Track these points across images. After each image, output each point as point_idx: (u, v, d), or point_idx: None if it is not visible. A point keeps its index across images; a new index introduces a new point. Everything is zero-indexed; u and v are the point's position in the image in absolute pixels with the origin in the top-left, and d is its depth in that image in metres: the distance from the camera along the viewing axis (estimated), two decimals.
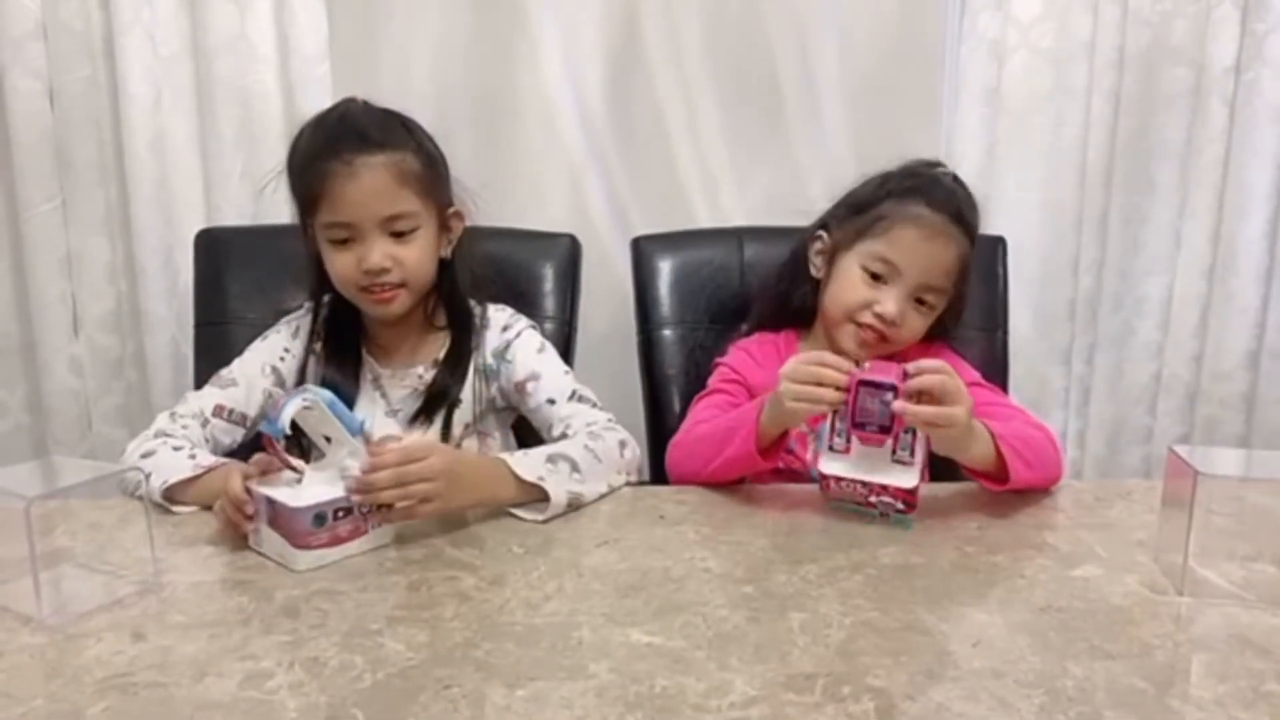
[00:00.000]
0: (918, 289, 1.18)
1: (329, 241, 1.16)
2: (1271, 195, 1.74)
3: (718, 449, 1.08)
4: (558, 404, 1.18)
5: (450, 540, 0.94)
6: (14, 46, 1.56)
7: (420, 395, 1.21)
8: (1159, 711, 0.67)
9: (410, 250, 1.16)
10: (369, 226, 1.13)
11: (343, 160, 1.11)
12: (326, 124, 1.16)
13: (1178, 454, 0.86)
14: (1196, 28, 1.68)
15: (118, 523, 0.97)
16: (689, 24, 1.67)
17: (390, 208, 1.13)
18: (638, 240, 1.48)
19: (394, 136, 1.15)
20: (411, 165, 1.15)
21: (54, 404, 1.69)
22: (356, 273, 1.15)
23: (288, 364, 1.23)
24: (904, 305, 1.18)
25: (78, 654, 0.73)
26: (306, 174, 1.15)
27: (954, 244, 1.18)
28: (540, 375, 1.21)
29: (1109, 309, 1.81)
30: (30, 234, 1.62)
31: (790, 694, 0.68)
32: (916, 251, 1.17)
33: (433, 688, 0.68)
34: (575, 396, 1.19)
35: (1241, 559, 0.89)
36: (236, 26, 1.58)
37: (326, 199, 1.13)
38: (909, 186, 1.21)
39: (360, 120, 1.15)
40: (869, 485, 0.97)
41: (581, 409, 1.17)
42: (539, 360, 1.22)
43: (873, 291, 1.18)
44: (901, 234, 1.17)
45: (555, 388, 1.20)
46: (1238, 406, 1.83)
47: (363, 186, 1.12)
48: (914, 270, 1.17)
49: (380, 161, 1.12)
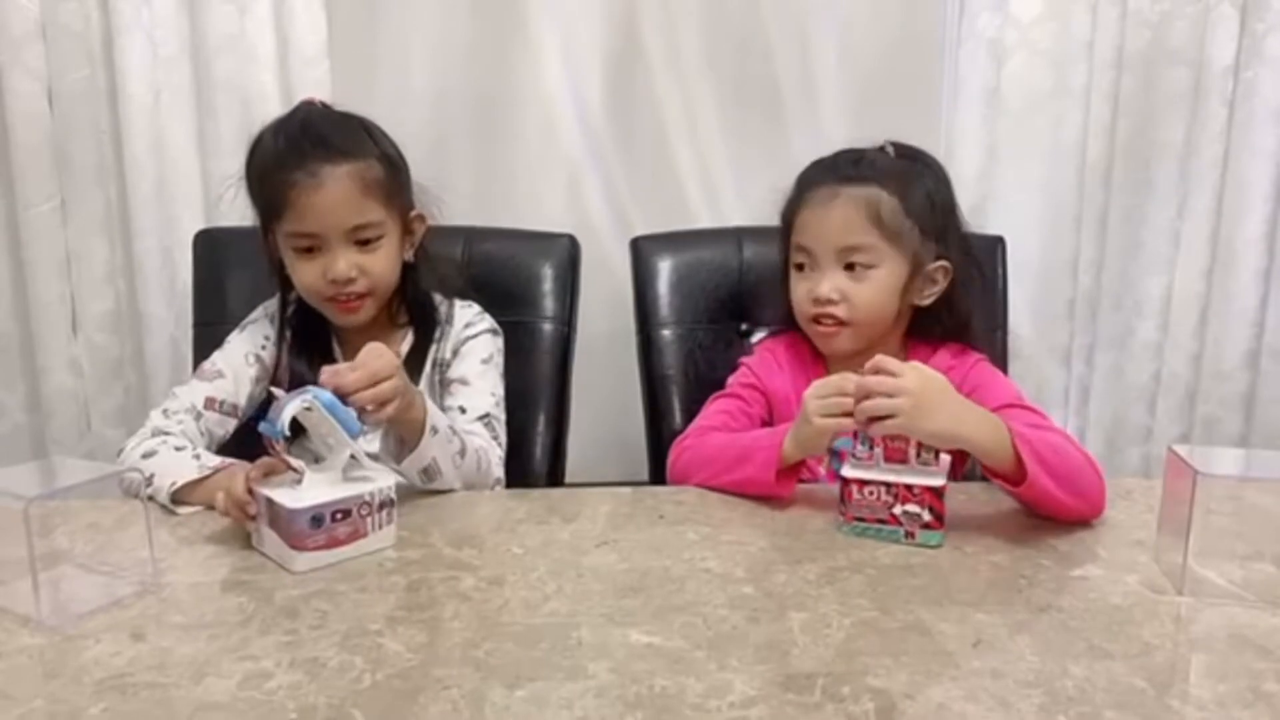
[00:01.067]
0: (839, 257, 1.16)
1: (293, 249, 1.16)
2: (1270, 195, 1.74)
3: (730, 468, 1.07)
4: (466, 415, 1.18)
5: (449, 541, 0.94)
6: (13, 47, 1.56)
7: None
8: (1159, 711, 0.67)
9: (376, 259, 1.16)
10: (334, 237, 1.13)
11: (307, 171, 1.11)
12: (287, 131, 1.15)
13: (1177, 454, 0.86)
14: (1196, 28, 1.68)
15: (117, 523, 0.97)
16: (688, 25, 1.67)
17: (355, 218, 1.14)
18: (637, 240, 1.48)
19: (357, 144, 1.15)
20: (375, 173, 1.15)
21: (53, 404, 1.69)
22: (322, 282, 1.15)
23: (269, 351, 1.23)
24: (834, 280, 1.16)
25: (77, 655, 0.73)
26: (268, 182, 1.14)
27: (848, 199, 1.15)
28: (469, 383, 1.22)
29: (1108, 309, 1.81)
30: (29, 234, 1.62)
31: (790, 694, 0.68)
32: (815, 225, 1.17)
33: (432, 688, 0.68)
34: (485, 419, 1.19)
35: (1241, 558, 0.89)
36: (236, 27, 1.58)
37: (290, 209, 1.12)
38: (800, 176, 1.22)
39: (323, 128, 1.14)
40: (893, 488, 0.93)
41: (482, 434, 1.16)
42: (478, 369, 1.23)
43: (805, 283, 1.18)
44: (802, 220, 1.18)
45: (473, 402, 1.20)
46: (1237, 406, 1.83)
47: (328, 197, 1.11)
48: (822, 242, 1.16)
49: (344, 171, 1.12)
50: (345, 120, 1.18)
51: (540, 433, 1.38)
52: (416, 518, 1.00)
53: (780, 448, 1.02)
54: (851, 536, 0.95)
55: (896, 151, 1.20)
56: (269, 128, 1.18)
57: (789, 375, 1.23)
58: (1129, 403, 1.84)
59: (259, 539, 0.91)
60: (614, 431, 1.64)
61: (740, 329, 1.40)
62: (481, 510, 1.04)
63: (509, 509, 1.03)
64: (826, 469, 1.17)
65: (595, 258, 1.56)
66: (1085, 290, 1.76)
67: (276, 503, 0.88)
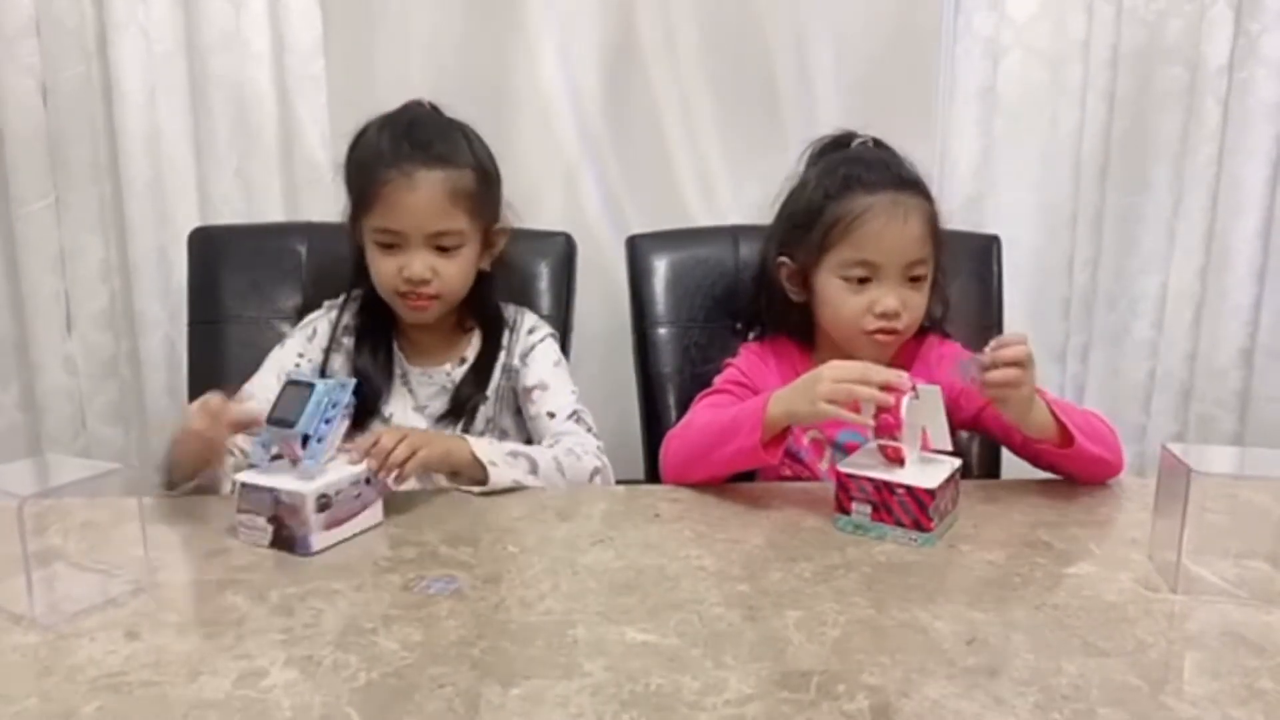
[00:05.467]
0: (905, 271, 1.16)
1: (375, 243, 1.18)
2: (1265, 194, 1.74)
3: (717, 443, 1.07)
4: (556, 418, 1.21)
5: (445, 539, 0.94)
6: (7, 43, 1.55)
7: (447, 393, 1.24)
8: (1153, 708, 0.67)
9: (451, 265, 1.19)
10: (415, 237, 1.16)
11: (403, 171, 1.14)
12: (394, 127, 1.18)
13: (1172, 452, 0.86)
14: (1191, 27, 1.68)
15: (111, 522, 0.96)
16: (685, 23, 1.67)
17: (439, 224, 1.16)
18: (633, 239, 1.48)
19: (455, 152, 1.18)
20: (467, 184, 1.17)
21: (47, 402, 1.69)
22: (397, 278, 1.17)
23: (303, 369, 1.24)
24: (900, 294, 1.15)
25: (71, 653, 0.73)
26: (365, 175, 1.17)
27: (913, 211, 1.15)
28: (549, 386, 1.24)
29: (1103, 307, 1.81)
30: (23, 231, 1.62)
31: (785, 692, 0.68)
32: (884, 239, 1.14)
33: (427, 686, 0.68)
34: (574, 416, 1.22)
35: (1235, 556, 0.89)
36: (231, 24, 1.57)
37: (380, 204, 1.15)
38: (841, 180, 1.17)
39: (426, 131, 1.17)
40: (890, 486, 0.93)
41: (576, 430, 1.20)
42: (552, 372, 1.26)
43: (864, 296, 1.16)
44: (863, 231, 1.14)
45: (559, 403, 1.23)
46: (1231, 404, 1.83)
47: (418, 200, 1.14)
48: (893, 257, 1.15)
49: (439, 177, 1.15)
50: (449, 126, 1.21)
51: None
52: (412, 516, 1.00)
53: (764, 411, 1.02)
54: (846, 531, 0.95)
55: (874, 144, 1.23)
56: (375, 122, 1.20)
57: (778, 375, 1.22)
58: (1124, 401, 1.84)
59: (256, 536, 0.91)
60: (610, 430, 1.63)
61: (736, 327, 1.39)
62: (477, 509, 1.04)
63: (505, 507, 1.03)
64: (829, 465, 1.17)
65: (591, 256, 1.55)
66: (1080, 288, 1.76)
67: (282, 490, 0.89)
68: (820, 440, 1.20)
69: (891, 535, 0.93)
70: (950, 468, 0.96)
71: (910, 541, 0.92)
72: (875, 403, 0.95)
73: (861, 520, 0.95)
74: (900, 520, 0.93)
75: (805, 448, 1.20)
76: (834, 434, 1.19)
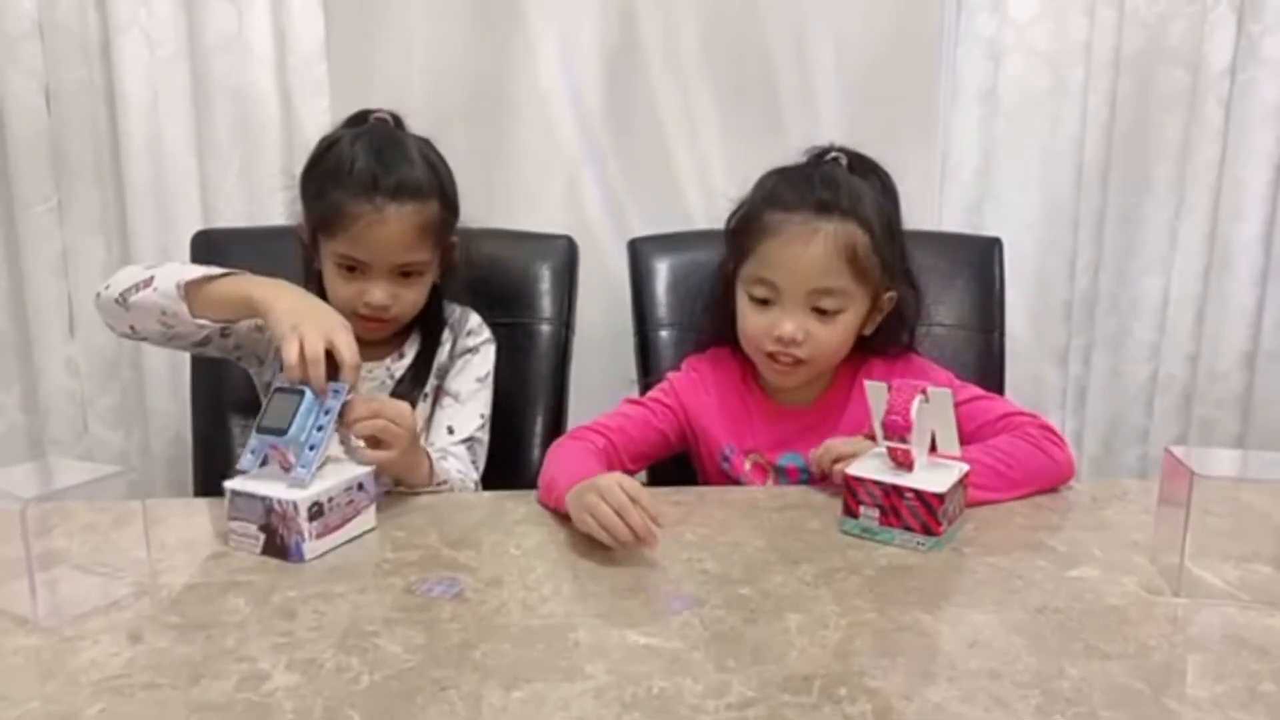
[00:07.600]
0: (808, 299, 1.09)
1: (335, 265, 1.17)
2: (1267, 196, 1.74)
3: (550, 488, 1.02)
4: (454, 435, 1.21)
5: (447, 542, 0.94)
6: (10, 46, 1.55)
7: (387, 389, 1.23)
8: (1155, 712, 0.67)
9: (411, 291, 1.19)
10: (381, 266, 1.16)
11: (375, 205, 1.13)
12: (363, 153, 1.14)
13: (1174, 455, 0.86)
14: (1193, 29, 1.68)
15: (114, 524, 0.96)
16: (686, 24, 1.67)
17: (406, 256, 1.16)
18: (634, 241, 1.48)
19: (425, 184, 1.16)
20: (434, 214, 1.17)
21: (50, 404, 1.69)
22: (357, 301, 1.17)
23: None
24: (801, 320, 1.09)
25: (74, 656, 0.73)
26: (331, 200, 1.14)
27: (827, 238, 1.07)
28: (461, 401, 1.24)
29: (1105, 309, 1.81)
30: (26, 234, 1.62)
31: (787, 695, 0.68)
32: (785, 262, 1.08)
33: (429, 689, 0.68)
34: (469, 443, 1.21)
35: (1237, 559, 0.89)
36: (233, 27, 1.57)
37: (346, 234, 1.14)
38: (765, 193, 1.13)
39: (395, 161, 1.15)
40: (897, 490, 0.92)
41: (464, 458, 1.19)
42: (472, 388, 1.25)
43: (765, 317, 1.11)
44: (766, 249, 1.10)
45: (462, 422, 1.23)
46: (1234, 407, 1.83)
47: (388, 234, 1.14)
48: (793, 282, 1.09)
49: (408, 211, 1.14)
50: (413, 148, 1.18)
51: (538, 434, 1.38)
52: (414, 519, 1.00)
53: (565, 494, 0.96)
54: (852, 535, 0.95)
55: (849, 161, 1.14)
56: (345, 137, 1.17)
57: (715, 396, 1.20)
58: (1126, 404, 1.85)
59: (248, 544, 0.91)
60: None
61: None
62: (479, 511, 1.04)
63: (507, 510, 1.03)
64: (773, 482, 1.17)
65: (593, 259, 1.55)
66: (1082, 291, 1.76)
67: (274, 499, 0.89)
68: (762, 464, 1.19)
69: (900, 539, 0.93)
70: (959, 472, 0.96)
71: (918, 546, 0.92)
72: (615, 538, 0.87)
73: (869, 524, 0.95)
74: (909, 524, 0.93)
75: (747, 473, 1.19)
76: (774, 458, 1.18)
